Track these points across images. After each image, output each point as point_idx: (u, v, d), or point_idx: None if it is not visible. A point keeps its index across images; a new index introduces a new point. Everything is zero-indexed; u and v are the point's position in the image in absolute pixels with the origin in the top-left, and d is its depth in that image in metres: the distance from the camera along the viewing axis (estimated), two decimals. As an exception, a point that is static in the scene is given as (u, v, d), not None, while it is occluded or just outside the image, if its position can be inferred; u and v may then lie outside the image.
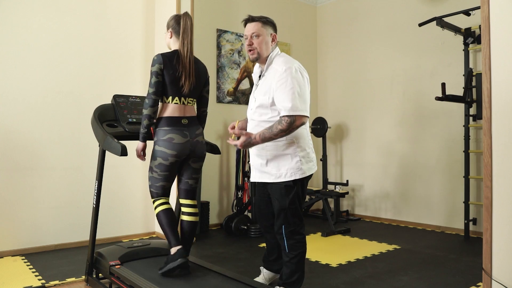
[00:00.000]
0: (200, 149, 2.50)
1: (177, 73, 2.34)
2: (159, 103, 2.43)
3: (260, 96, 2.26)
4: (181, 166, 2.51)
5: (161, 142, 2.35)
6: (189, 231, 2.50)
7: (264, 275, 2.61)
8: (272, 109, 2.22)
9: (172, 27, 2.45)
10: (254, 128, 2.30)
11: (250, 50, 2.28)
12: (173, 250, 2.32)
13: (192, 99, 2.46)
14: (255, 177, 2.38)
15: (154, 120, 2.42)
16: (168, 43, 2.50)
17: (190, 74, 2.36)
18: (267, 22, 2.30)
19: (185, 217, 2.53)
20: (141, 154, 2.47)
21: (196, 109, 2.62)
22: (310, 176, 2.34)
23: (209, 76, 2.60)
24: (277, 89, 2.15)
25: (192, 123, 2.45)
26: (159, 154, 2.36)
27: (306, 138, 2.31)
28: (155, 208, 2.44)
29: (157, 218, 2.42)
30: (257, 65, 2.43)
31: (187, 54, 2.36)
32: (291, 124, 2.11)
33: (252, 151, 2.36)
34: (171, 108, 2.39)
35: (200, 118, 2.62)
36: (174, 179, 2.49)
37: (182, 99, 2.40)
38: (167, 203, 2.45)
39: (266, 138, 2.14)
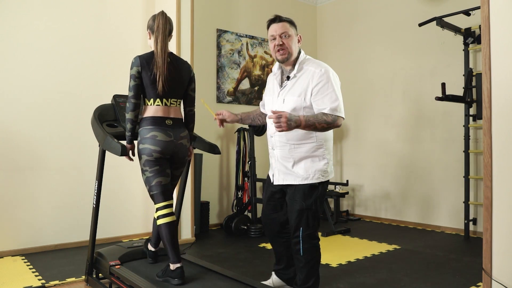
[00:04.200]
0: (183, 153, 2.45)
1: (154, 74, 2.32)
2: (143, 105, 2.41)
3: (293, 97, 2.18)
4: None
5: (144, 139, 2.32)
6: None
7: (272, 280, 2.53)
8: (305, 111, 2.16)
9: (150, 28, 2.44)
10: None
11: (280, 50, 2.21)
12: (172, 267, 2.26)
13: (174, 100, 2.42)
14: (278, 180, 2.30)
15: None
16: (149, 44, 2.49)
17: (162, 74, 2.31)
18: (293, 22, 2.26)
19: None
20: (128, 154, 2.42)
21: (182, 109, 2.60)
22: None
23: (194, 74, 2.55)
24: (319, 90, 2.12)
25: (177, 125, 2.41)
26: (144, 151, 2.32)
27: (331, 142, 2.31)
28: (157, 218, 2.33)
29: (158, 229, 2.34)
30: (277, 65, 2.37)
31: (160, 53, 2.32)
32: (334, 122, 2.09)
33: (276, 153, 2.29)
34: (154, 109, 2.36)
35: (188, 118, 2.57)
36: (169, 175, 2.41)
37: (164, 100, 2.36)
38: (170, 214, 2.32)
39: (310, 123, 2.02)
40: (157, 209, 2.33)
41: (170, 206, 2.36)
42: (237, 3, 5.10)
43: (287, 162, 2.24)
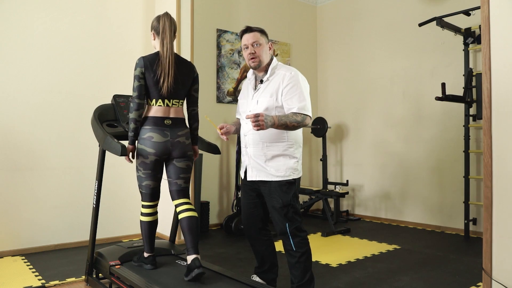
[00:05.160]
0: (181, 149, 2.43)
1: (157, 75, 2.34)
2: (145, 105, 2.44)
3: (265, 98, 2.31)
4: (167, 168, 2.49)
5: (142, 140, 2.37)
6: (191, 227, 2.35)
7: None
8: (277, 110, 2.29)
9: (155, 29, 2.44)
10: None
11: (252, 58, 2.35)
12: (146, 255, 2.55)
13: (177, 101, 2.44)
14: (251, 176, 2.39)
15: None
16: (153, 45, 2.50)
17: (168, 75, 2.34)
18: (263, 32, 2.40)
19: (183, 214, 2.39)
20: (129, 157, 2.45)
21: (185, 109, 2.60)
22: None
23: (198, 74, 2.57)
24: (288, 90, 2.26)
25: (177, 124, 2.43)
26: (141, 152, 2.38)
27: (301, 142, 2.43)
28: (141, 214, 2.51)
29: (140, 224, 2.54)
30: (251, 72, 2.49)
31: (166, 54, 2.35)
32: (303, 120, 2.23)
33: (249, 151, 2.39)
34: (155, 110, 2.39)
35: (191, 118, 2.60)
36: (160, 179, 2.47)
37: (166, 101, 2.39)
38: (153, 214, 2.51)
39: (282, 122, 2.16)
40: (142, 206, 2.51)
41: (155, 206, 2.53)
42: (237, 3, 5.10)
43: (260, 159, 2.34)
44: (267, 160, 2.32)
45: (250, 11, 5.21)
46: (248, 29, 2.38)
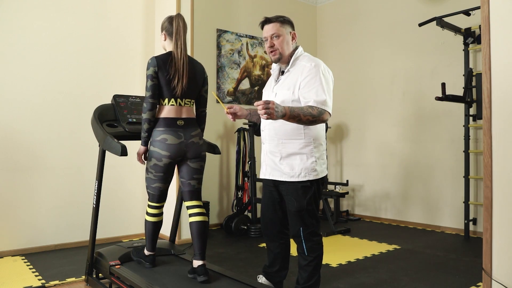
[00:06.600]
0: (196, 150, 2.45)
1: (170, 75, 2.34)
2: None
3: (283, 90, 2.20)
4: (180, 168, 2.48)
5: (155, 142, 2.35)
6: (200, 232, 2.40)
7: (262, 282, 2.49)
8: (294, 104, 2.15)
9: (166, 29, 2.45)
10: (273, 122, 2.22)
11: (272, 52, 2.25)
12: (147, 253, 2.57)
13: (189, 100, 2.45)
14: (266, 173, 2.31)
15: None
16: (163, 45, 2.50)
17: (183, 76, 2.35)
18: (284, 21, 2.27)
19: (193, 218, 2.42)
20: (141, 158, 2.45)
21: (195, 110, 2.62)
22: (324, 178, 2.29)
23: (207, 76, 2.59)
24: (306, 83, 2.11)
25: (189, 125, 2.43)
26: (154, 154, 2.36)
27: (322, 140, 2.26)
28: (146, 213, 2.50)
29: (144, 223, 2.54)
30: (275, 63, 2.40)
31: (180, 55, 2.36)
32: (320, 115, 2.04)
33: (266, 147, 2.30)
34: (167, 110, 2.38)
35: (200, 118, 2.61)
36: (170, 181, 2.47)
37: (178, 100, 2.39)
38: (159, 214, 2.49)
39: (295, 114, 1.97)
40: (149, 206, 2.49)
41: (161, 207, 2.51)
42: (237, 3, 5.10)
43: (275, 157, 2.24)
44: (282, 158, 2.19)
45: (250, 11, 5.21)
46: (267, 21, 2.26)
